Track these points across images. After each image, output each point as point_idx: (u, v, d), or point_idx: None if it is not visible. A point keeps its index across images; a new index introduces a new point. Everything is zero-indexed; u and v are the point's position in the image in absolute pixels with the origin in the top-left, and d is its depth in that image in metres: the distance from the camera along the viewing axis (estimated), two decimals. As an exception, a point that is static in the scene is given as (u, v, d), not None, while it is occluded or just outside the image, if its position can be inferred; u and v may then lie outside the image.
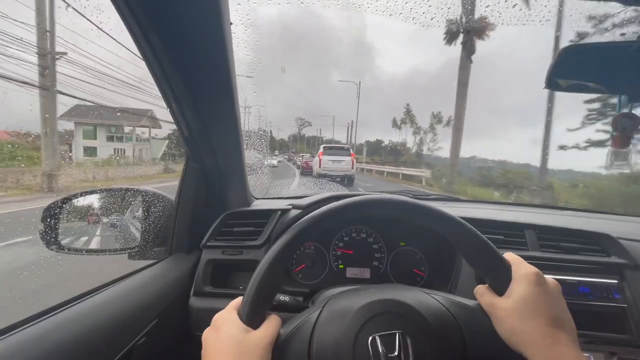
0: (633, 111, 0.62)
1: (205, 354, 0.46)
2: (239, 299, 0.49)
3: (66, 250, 0.76)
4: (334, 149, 14.10)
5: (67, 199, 0.77)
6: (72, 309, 0.61)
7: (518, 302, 0.44)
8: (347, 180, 12.80)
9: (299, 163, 21.63)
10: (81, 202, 0.82)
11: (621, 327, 0.81)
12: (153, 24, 0.54)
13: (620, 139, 0.65)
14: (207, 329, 0.48)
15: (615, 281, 0.86)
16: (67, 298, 0.64)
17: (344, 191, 1.54)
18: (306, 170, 15.59)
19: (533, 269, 0.46)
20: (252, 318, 0.46)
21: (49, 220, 0.73)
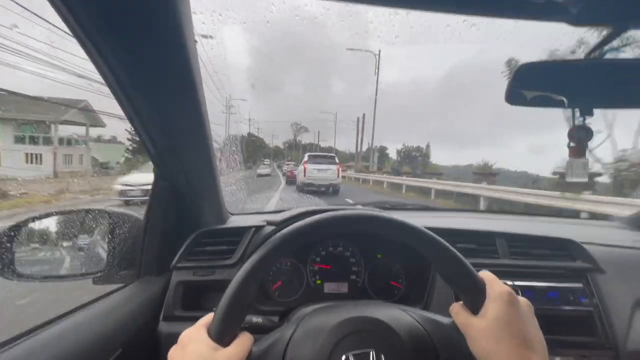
0: (585, 123, 0.67)
1: None
2: (209, 316, 0.47)
3: (19, 277, 0.70)
4: (319, 157, 13.96)
5: (17, 225, 0.72)
6: (26, 344, 0.56)
7: (492, 322, 0.44)
8: (332, 189, 12.74)
9: (284, 170, 21.74)
10: (36, 226, 0.77)
11: (589, 331, 0.84)
12: (111, 42, 0.53)
13: (577, 150, 0.69)
14: (173, 347, 0.46)
15: (581, 285, 0.90)
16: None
17: (322, 205, 1.54)
18: (290, 179, 15.86)
19: (506, 288, 0.46)
20: (222, 335, 0.44)
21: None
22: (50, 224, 0.82)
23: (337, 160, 13.73)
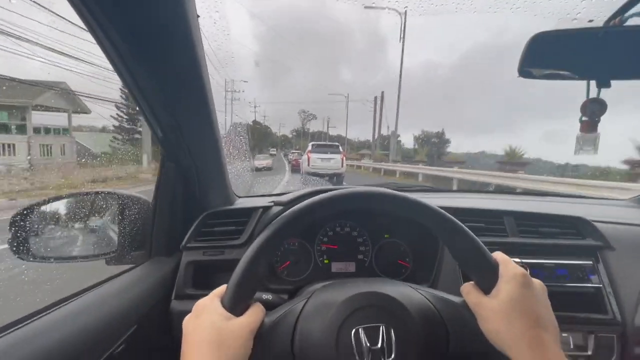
0: (600, 96, 0.64)
1: (185, 341, 0.45)
2: (223, 287, 0.48)
3: (34, 258, 0.73)
4: (323, 146, 14.14)
5: (31, 207, 0.73)
6: (44, 319, 0.59)
7: (504, 302, 0.44)
8: (336, 178, 12.81)
9: (289, 158, 21.85)
10: (49, 208, 0.79)
11: (598, 307, 0.84)
12: (114, 20, 0.52)
13: (589, 124, 0.67)
14: (188, 315, 0.47)
15: (590, 262, 0.89)
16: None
17: (328, 186, 1.54)
18: (295, 168, 16.00)
19: (520, 269, 0.46)
20: (235, 305, 0.45)
21: (14, 229, 0.70)
22: (64, 206, 0.83)
23: (341, 150, 13.85)
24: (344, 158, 13.63)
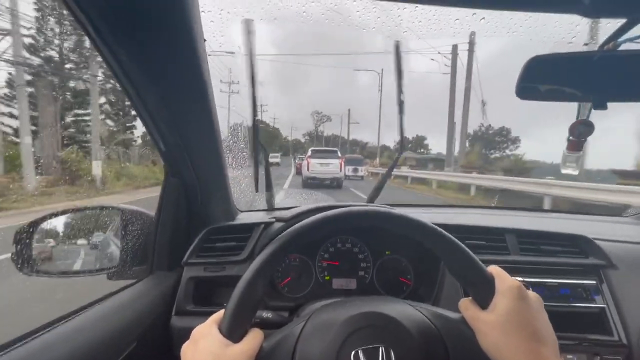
0: (590, 118, 0.66)
1: None
2: (220, 312, 0.48)
3: (37, 273, 0.73)
4: (322, 152, 14.78)
5: (35, 222, 0.74)
6: (44, 337, 0.58)
7: (501, 316, 0.44)
8: (336, 183, 13.29)
9: (296, 162, 22.84)
10: (53, 223, 0.79)
11: (602, 328, 0.83)
12: (122, 41, 0.54)
13: (575, 144, 0.69)
14: (186, 343, 0.47)
15: (593, 282, 0.88)
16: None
17: (330, 201, 1.54)
18: (299, 171, 16.74)
19: (516, 282, 0.46)
20: (233, 331, 0.45)
21: (18, 244, 0.70)
22: (67, 221, 0.84)
23: (339, 155, 14.38)
24: (342, 163, 14.04)
